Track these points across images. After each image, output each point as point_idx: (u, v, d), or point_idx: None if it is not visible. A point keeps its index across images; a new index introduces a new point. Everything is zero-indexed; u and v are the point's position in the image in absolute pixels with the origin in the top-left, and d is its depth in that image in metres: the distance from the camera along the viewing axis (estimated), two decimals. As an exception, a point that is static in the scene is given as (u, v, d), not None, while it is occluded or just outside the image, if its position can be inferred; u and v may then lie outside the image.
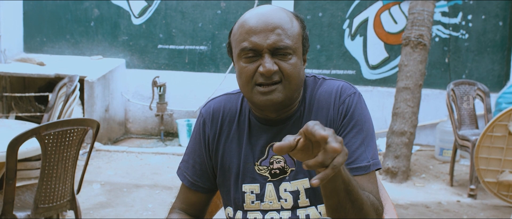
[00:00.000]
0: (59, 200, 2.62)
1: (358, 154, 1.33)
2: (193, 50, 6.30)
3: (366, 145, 1.35)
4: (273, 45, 1.29)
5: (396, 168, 4.73)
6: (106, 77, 5.81)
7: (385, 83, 6.06)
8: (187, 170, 1.50)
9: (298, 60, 1.33)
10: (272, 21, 1.30)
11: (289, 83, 1.31)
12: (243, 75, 1.33)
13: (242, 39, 1.31)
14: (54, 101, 3.59)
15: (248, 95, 1.35)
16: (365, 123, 1.37)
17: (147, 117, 6.29)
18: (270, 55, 1.30)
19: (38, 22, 6.42)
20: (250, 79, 1.32)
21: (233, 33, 1.36)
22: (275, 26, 1.30)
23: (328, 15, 6.08)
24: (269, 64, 1.29)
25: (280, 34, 1.30)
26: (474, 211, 4.08)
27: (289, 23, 1.32)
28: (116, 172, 4.78)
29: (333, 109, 1.37)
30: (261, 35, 1.29)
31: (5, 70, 5.71)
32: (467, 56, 5.96)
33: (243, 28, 1.32)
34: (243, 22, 1.33)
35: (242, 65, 1.33)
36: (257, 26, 1.30)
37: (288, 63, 1.31)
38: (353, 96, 1.38)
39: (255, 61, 1.31)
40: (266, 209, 1.40)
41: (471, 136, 4.42)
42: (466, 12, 5.88)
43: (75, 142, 2.56)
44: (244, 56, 1.32)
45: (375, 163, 1.36)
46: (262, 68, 1.29)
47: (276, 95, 1.31)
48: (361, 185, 1.31)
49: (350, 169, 1.32)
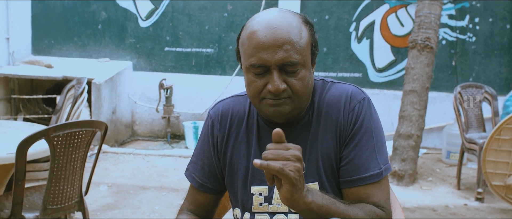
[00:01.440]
0: (67, 202, 2.63)
1: (369, 162, 1.35)
2: (199, 53, 6.32)
3: (377, 152, 1.37)
4: (282, 61, 1.28)
5: (402, 171, 4.72)
6: (113, 80, 5.84)
7: (392, 86, 6.05)
8: (196, 171, 1.51)
9: (307, 71, 1.33)
10: (280, 36, 1.28)
11: (299, 97, 1.32)
12: (252, 89, 1.33)
13: (251, 54, 1.30)
14: (62, 103, 3.61)
15: (256, 106, 1.37)
16: (374, 129, 1.38)
17: (154, 119, 6.31)
18: (278, 71, 1.29)
19: (46, 25, 6.46)
20: (258, 94, 1.33)
21: (242, 41, 1.35)
22: (284, 41, 1.28)
23: (334, 18, 6.08)
24: (277, 82, 1.28)
25: (289, 50, 1.28)
26: (481, 215, 4.06)
27: (298, 36, 1.30)
28: (123, 174, 4.79)
29: (343, 115, 1.38)
30: (269, 51, 1.28)
31: (13, 72, 5.75)
32: (474, 59, 5.94)
33: (252, 41, 1.30)
34: (251, 33, 1.31)
35: (251, 79, 1.33)
36: (265, 42, 1.28)
37: (297, 78, 1.31)
38: (362, 102, 1.38)
39: (264, 76, 1.31)
40: (274, 211, 1.41)
41: (478, 139, 4.40)
42: (473, 15, 5.86)
43: (83, 143, 2.58)
44: (253, 71, 1.32)
45: (386, 168, 1.38)
46: (271, 86, 1.29)
47: (284, 107, 1.32)
48: (371, 195, 1.34)
49: (363, 178, 1.35)
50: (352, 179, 1.36)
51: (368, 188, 1.35)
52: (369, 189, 1.35)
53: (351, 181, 1.36)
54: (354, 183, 1.36)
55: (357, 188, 1.36)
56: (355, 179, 1.35)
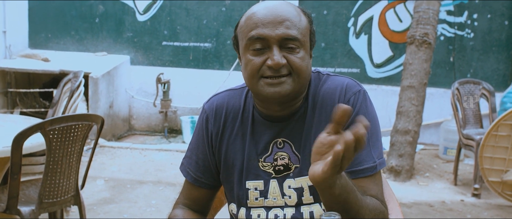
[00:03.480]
0: (64, 195, 2.63)
1: (364, 156, 1.32)
2: (197, 47, 6.30)
3: (371, 145, 1.33)
4: (282, 35, 1.27)
5: (400, 166, 4.72)
6: (110, 74, 5.82)
7: (390, 82, 6.04)
8: (190, 166, 1.49)
9: (306, 54, 1.32)
10: (281, 14, 1.29)
11: (298, 76, 1.30)
12: (250, 67, 1.30)
13: (250, 30, 1.30)
14: (59, 96, 3.59)
15: (254, 88, 1.33)
16: (370, 121, 1.33)
17: (151, 113, 6.30)
18: (278, 48, 1.28)
19: (43, 18, 6.43)
20: (256, 72, 1.30)
21: (240, 25, 1.35)
22: (284, 18, 1.28)
23: (333, 13, 6.07)
24: (277, 56, 1.27)
25: (289, 26, 1.28)
26: (478, 211, 4.07)
27: (297, 17, 1.31)
28: (120, 168, 4.79)
29: None
30: (269, 26, 1.28)
31: (10, 66, 5.73)
32: (472, 55, 5.93)
33: (251, 20, 1.30)
34: (251, 14, 1.32)
35: (249, 58, 1.31)
36: (265, 18, 1.29)
37: (297, 56, 1.29)
38: (358, 94, 1.36)
39: (263, 54, 1.29)
40: (270, 205, 1.40)
41: (475, 135, 4.40)
42: (472, 11, 5.85)
43: (79, 137, 2.57)
44: (252, 47, 1.30)
45: (381, 162, 1.34)
46: (271, 61, 1.27)
47: (284, 87, 1.29)
48: (366, 189, 1.30)
49: (356, 171, 1.31)
50: (346, 172, 1.31)
51: (362, 181, 1.31)
52: (363, 183, 1.31)
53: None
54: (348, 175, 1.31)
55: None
56: (349, 172, 1.31)
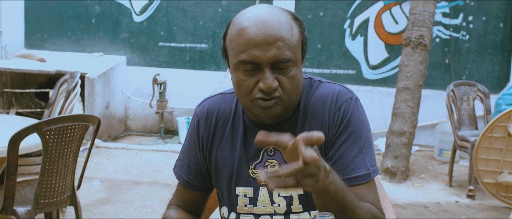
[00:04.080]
0: (60, 196, 2.63)
1: (357, 163, 1.30)
2: (193, 48, 6.31)
3: (364, 153, 1.31)
4: (274, 58, 1.23)
5: (395, 168, 4.74)
6: (106, 74, 5.82)
7: (385, 83, 6.06)
8: (183, 168, 1.50)
9: (298, 69, 1.29)
10: (272, 33, 1.23)
11: (289, 96, 1.28)
12: (242, 88, 1.28)
13: (241, 51, 1.25)
14: (55, 97, 3.59)
15: (246, 106, 1.33)
16: (362, 129, 1.33)
17: (147, 114, 6.30)
18: (270, 69, 1.24)
19: (39, 19, 6.42)
20: (249, 93, 1.27)
21: (230, 39, 1.30)
22: (276, 38, 1.23)
23: (329, 15, 6.08)
24: (270, 80, 1.24)
25: (281, 46, 1.23)
26: (472, 212, 4.09)
27: (290, 32, 1.26)
28: (116, 169, 4.79)
29: (328, 115, 1.33)
30: (261, 48, 1.23)
31: (5, 66, 5.71)
32: (467, 57, 5.96)
33: (242, 38, 1.25)
34: (240, 29, 1.26)
35: (240, 77, 1.28)
36: (256, 38, 1.23)
37: (288, 76, 1.26)
38: (349, 102, 1.33)
39: (254, 74, 1.26)
40: (259, 213, 1.39)
41: (470, 137, 4.43)
42: (467, 13, 5.88)
43: (76, 138, 2.57)
44: (243, 68, 1.27)
45: (374, 170, 1.32)
46: (263, 85, 1.24)
47: (276, 109, 1.28)
48: (361, 196, 1.28)
49: (349, 178, 1.29)
50: None
51: (357, 189, 1.28)
52: (358, 190, 1.28)
53: None
54: None
55: None
56: (342, 180, 1.27)
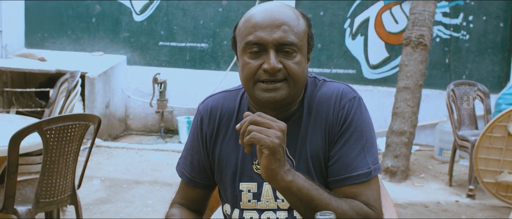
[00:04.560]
0: (60, 195, 2.63)
1: (358, 162, 1.32)
2: (194, 48, 6.31)
3: (366, 151, 1.33)
4: (279, 40, 1.28)
5: (395, 167, 4.74)
6: (107, 74, 5.82)
7: (386, 83, 6.07)
8: (186, 166, 1.50)
9: (303, 58, 1.32)
10: (278, 17, 1.29)
11: (294, 82, 1.30)
12: (246, 70, 1.31)
13: (247, 33, 1.30)
14: (56, 96, 3.60)
15: (250, 91, 1.34)
16: (364, 128, 1.35)
17: (148, 113, 6.30)
18: (275, 52, 1.28)
19: (40, 18, 6.42)
20: (252, 75, 1.30)
21: (239, 27, 1.36)
22: (282, 22, 1.29)
23: (329, 14, 6.08)
24: (273, 61, 1.27)
25: (286, 30, 1.29)
26: (472, 211, 4.09)
27: (296, 21, 1.32)
28: (116, 168, 4.79)
29: (332, 113, 1.35)
30: (267, 30, 1.28)
31: (6, 65, 5.71)
32: (467, 57, 5.96)
33: (249, 23, 1.31)
34: (249, 16, 1.33)
35: (246, 60, 1.31)
36: (263, 21, 1.29)
37: (293, 61, 1.30)
38: (353, 101, 1.36)
39: (259, 57, 1.30)
40: (263, 208, 1.40)
41: (470, 136, 4.43)
42: (467, 13, 5.88)
43: (76, 137, 2.57)
44: (249, 50, 1.30)
45: (376, 168, 1.34)
46: (266, 65, 1.28)
47: (280, 93, 1.30)
48: (359, 195, 1.30)
49: (350, 177, 1.31)
50: (340, 179, 1.33)
51: (356, 187, 1.31)
52: (357, 189, 1.31)
53: (339, 181, 1.33)
54: (342, 182, 1.32)
55: (345, 188, 1.32)
56: (343, 179, 1.32)
